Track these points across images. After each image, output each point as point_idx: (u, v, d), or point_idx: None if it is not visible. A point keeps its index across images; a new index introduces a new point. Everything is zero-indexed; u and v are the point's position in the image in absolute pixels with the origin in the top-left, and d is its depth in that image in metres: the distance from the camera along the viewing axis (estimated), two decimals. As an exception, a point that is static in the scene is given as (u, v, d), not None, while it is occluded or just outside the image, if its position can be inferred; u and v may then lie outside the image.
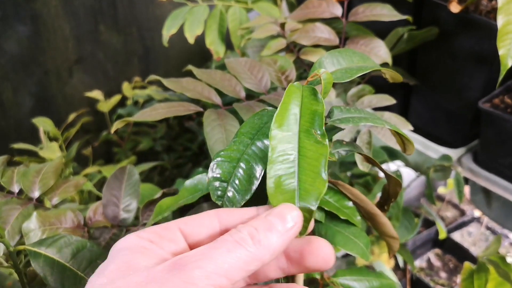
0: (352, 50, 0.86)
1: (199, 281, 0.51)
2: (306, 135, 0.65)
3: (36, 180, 1.15)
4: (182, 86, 1.13)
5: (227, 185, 0.68)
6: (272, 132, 0.65)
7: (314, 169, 0.63)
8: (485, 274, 1.63)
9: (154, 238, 0.60)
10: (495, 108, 1.38)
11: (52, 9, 2.16)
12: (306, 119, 0.67)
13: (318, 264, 0.65)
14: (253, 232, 0.57)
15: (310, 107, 0.68)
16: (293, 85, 0.71)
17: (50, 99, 2.35)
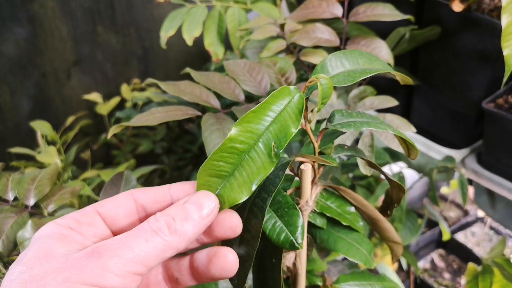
0: (359, 51, 0.83)
1: (116, 268, 0.54)
2: (265, 144, 0.66)
3: (31, 188, 1.13)
4: (180, 89, 1.12)
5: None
6: (239, 124, 0.65)
7: (250, 175, 0.66)
8: (490, 276, 1.61)
9: (73, 224, 0.62)
10: (499, 108, 1.36)
11: (49, 11, 2.14)
12: (275, 132, 0.67)
13: (226, 233, 0.68)
14: (170, 222, 0.60)
15: (285, 122, 0.67)
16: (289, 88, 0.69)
17: (48, 102, 2.34)
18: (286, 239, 0.76)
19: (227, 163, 0.65)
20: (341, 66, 0.80)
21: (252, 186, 0.65)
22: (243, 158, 0.65)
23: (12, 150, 1.92)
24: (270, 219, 0.78)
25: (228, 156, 0.65)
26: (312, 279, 1.14)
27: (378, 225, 1.01)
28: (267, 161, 0.65)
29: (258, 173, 0.65)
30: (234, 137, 0.64)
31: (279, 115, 0.67)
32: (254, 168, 0.65)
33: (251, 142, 0.65)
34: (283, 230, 0.77)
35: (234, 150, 0.65)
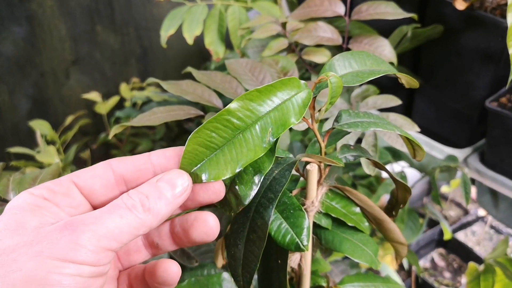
0: (366, 52, 0.83)
1: (90, 243, 0.53)
2: (262, 127, 0.65)
3: (32, 188, 1.12)
4: (181, 89, 1.11)
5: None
6: (241, 99, 0.64)
7: (239, 155, 0.64)
8: (492, 276, 1.60)
9: (48, 194, 0.60)
10: (502, 107, 1.35)
11: (47, 10, 2.14)
12: (274, 119, 0.65)
13: (210, 198, 0.68)
14: (144, 200, 0.59)
15: (287, 112, 0.66)
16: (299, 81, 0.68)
17: (47, 101, 2.34)
18: (292, 241, 0.75)
19: (219, 136, 0.64)
20: (349, 66, 0.79)
21: (237, 167, 0.64)
22: (237, 135, 0.64)
23: (11, 150, 1.91)
24: (275, 221, 0.78)
25: (222, 129, 0.63)
26: (316, 280, 1.13)
27: (383, 226, 1.00)
28: (259, 146, 0.64)
29: (247, 155, 0.64)
30: (233, 111, 0.63)
31: (283, 103, 0.65)
32: (244, 149, 0.64)
33: (249, 121, 0.64)
34: (289, 232, 0.76)
35: (229, 124, 0.63)
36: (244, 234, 0.73)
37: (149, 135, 2.45)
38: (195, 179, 0.64)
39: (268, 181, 0.72)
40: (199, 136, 0.63)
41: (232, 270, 0.74)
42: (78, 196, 0.63)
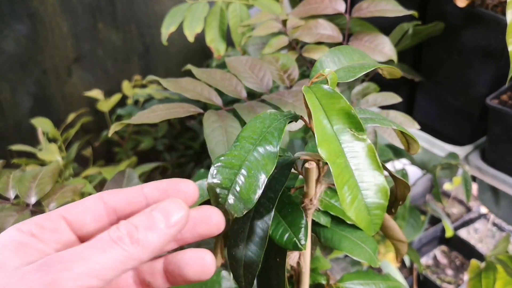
0: (351, 47, 0.83)
1: (66, 283, 0.49)
2: (344, 136, 0.62)
3: (32, 186, 1.12)
4: (181, 86, 1.11)
5: (227, 192, 0.65)
6: (319, 151, 0.61)
7: (367, 167, 0.61)
8: (493, 273, 1.60)
9: (36, 229, 0.57)
10: (503, 104, 1.35)
11: (49, 7, 2.14)
12: (336, 121, 0.64)
13: (211, 230, 0.66)
14: (132, 231, 0.55)
15: (334, 107, 0.65)
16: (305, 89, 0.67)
17: (49, 99, 2.34)
18: (290, 240, 0.75)
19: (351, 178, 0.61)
20: (339, 62, 0.79)
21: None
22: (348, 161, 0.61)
23: (13, 148, 1.92)
24: (273, 220, 0.77)
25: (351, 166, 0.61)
26: (316, 278, 1.13)
27: (383, 223, 1.00)
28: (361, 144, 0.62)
29: (370, 158, 0.62)
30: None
31: (323, 107, 0.65)
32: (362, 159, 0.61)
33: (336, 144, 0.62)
34: (287, 231, 0.76)
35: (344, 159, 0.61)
36: (244, 235, 0.73)
37: (151, 132, 2.46)
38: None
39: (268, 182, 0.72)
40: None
41: (233, 271, 0.74)
42: (67, 231, 0.60)
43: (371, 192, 0.60)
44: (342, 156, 0.60)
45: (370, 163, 0.60)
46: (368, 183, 0.60)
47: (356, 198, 0.59)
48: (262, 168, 0.65)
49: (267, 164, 0.65)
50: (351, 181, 0.60)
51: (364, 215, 0.60)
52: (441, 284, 2.44)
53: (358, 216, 0.60)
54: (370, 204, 0.60)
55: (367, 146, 0.61)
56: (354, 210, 0.60)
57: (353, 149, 0.61)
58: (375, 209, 0.60)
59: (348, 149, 0.61)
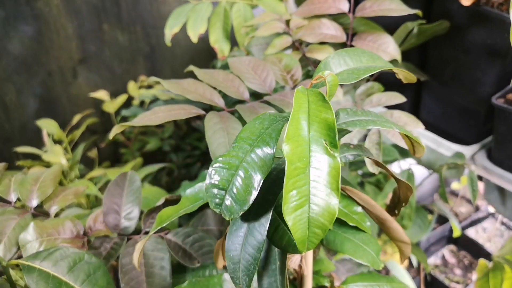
0: (361, 49, 0.83)
1: None
2: (316, 146, 0.61)
3: (34, 189, 1.12)
4: (183, 88, 1.11)
5: (225, 193, 0.65)
6: (283, 146, 0.61)
7: (326, 185, 0.60)
8: (501, 273, 1.60)
9: None
10: (509, 103, 1.35)
11: (54, 8, 2.15)
12: (316, 129, 0.63)
13: None
14: None
15: (319, 115, 0.64)
16: (298, 90, 0.67)
17: (55, 100, 2.35)
18: (289, 243, 0.75)
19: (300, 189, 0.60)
20: (344, 64, 0.79)
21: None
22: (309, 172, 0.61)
23: (18, 150, 1.92)
24: (273, 223, 0.77)
25: (299, 183, 0.60)
26: (319, 280, 1.13)
27: (386, 225, 1.00)
28: (329, 159, 0.62)
29: (331, 176, 0.61)
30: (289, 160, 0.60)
31: (309, 111, 0.65)
32: (323, 174, 0.61)
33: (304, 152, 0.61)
34: (286, 234, 0.76)
35: (298, 170, 0.60)
36: (242, 237, 0.73)
37: (158, 133, 2.46)
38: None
39: (267, 183, 0.72)
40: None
41: (231, 273, 0.74)
42: None
43: (319, 209, 0.59)
44: (305, 162, 0.60)
45: (329, 182, 0.60)
46: (320, 199, 0.59)
47: (302, 207, 0.59)
48: (259, 169, 0.65)
49: (263, 165, 0.65)
50: (304, 189, 0.59)
51: (303, 228, 0.60)
52: (450, 284, 2.43)
53: (295, 225, 0.59)
54: (314, 220, 0.60)
55: (335, 164, 0.60)
56: (294, 218, 0.59)
57: (320, 161, 0.60)
58: (316, 227, 0.60)
59: (314, 159, 0.60)
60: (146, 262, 1.05)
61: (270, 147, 0.65)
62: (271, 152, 0.65)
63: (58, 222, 1.06)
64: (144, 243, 0.89)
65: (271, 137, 0.66)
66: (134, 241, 1.09)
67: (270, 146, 0.66)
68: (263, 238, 0.71)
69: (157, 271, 1.05)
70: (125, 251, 1.06)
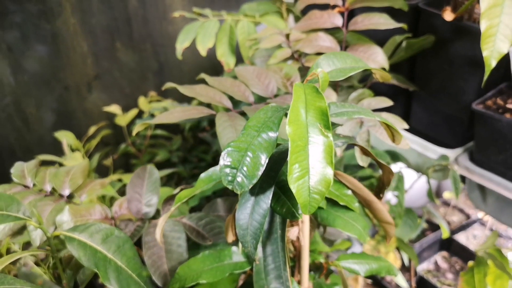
0: (346, 53, 0.97)
1: None
2: (313, 129, 0.74)
3: (66, 180, 1.26)
4: (196, 92, 1.24)
5: (236, 171, 0.76)
6: (286, 127, 0.73)
7: (322, 159, 0.72)
8: (484, 268, 1.70)
9: None
10: (488, 109, 1.47)
11: (71, 27, 2.26)
12: (312, 114, 0.75)
13: None
14: None
15: (314, 104, 0.77)
16: (297, 84, 0.81)
17: (71, 114, 2.46)
18: (288, 210, 0.89)
19: (300, 162, 0.72)
20: (333, 65, 0.94)
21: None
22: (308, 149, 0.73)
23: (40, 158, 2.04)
24: (275, 195, 0.92)
25: (300, 157, 0.72)
26: (315, 257, 1.27)
27: (372, 206, 1.13)
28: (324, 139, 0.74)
29: (326, 152, 0.73)
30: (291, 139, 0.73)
31: (306, 101, 0.78)
32: (319, 152, 0.73)
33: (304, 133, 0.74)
34: (286, 203, 0.90)
35: (299, 147, 0.73)
36: (250, 207, 0.87)
37: (166, 146, 2.57)
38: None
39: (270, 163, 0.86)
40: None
41: (241, 238, 0.88)
42: None
43: (317, 179, 0.72)
44: (304, 141, 0.72)
45: (324, 157, 0.72)
46: (318, 170, 0.72)
47: (303, 178, 0.71)
48: (264, 150, 0.77)
49: (268, 146, 0.78)
50: (305, 162, 0.71)
51: (305, 194, 0.71)
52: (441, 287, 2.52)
53: (299, 192, 0.71)
54: (313, 187, 0.71)
55: (328, 142, 0.73)
56: (297, 186, 0.71)
57: (316, 140, 0.73)
58: (315, 194, 0.72)
59: (312, 139, 0.73)
60: (165, 241, 1.19)
61: (274, 131, 0.78)
62: (274, 135, 0.78)
63: (89, 206, 1.21)
64: (165, 218, 1.02)
65: (274, 123, 0.79)
66: (154, 223, 1.23)
67: (273, 130, 0.78)
68: (267, 206, 0.85)
69: (175, 248, 1.18)
70: (147, 231, 1.20)
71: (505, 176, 1.51)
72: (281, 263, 1.00)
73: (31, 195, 1.21)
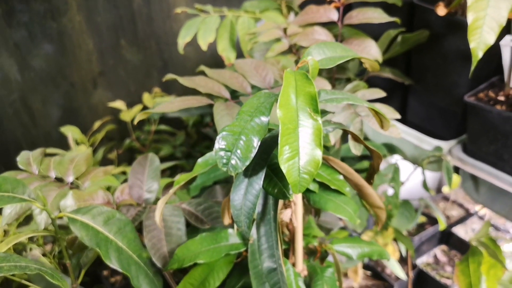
0: (337, 43, 1.02)
1: None
2: (302, 112, 0.78)
3: (70, 167, 1.31)
4: (195, 83, 1.28)
5: (231, 154, 0.81)
6: (277, 111, 0.78)
7: (311, 141, 0.77)
8: (478, 258, 1.74)
9: None
10: (479, 101, 1.51)
11: (76, 25, 2.31)
12: (302, 99, 0.80)
13: None
14: None
15: (304, 89, 0.81)
16: (287, 71, 0.85)
17: (76, 110, 2.51)
18: (280, 191, 0.94)
19: (291, 143, 0.77)
20: (323, 54, 0.98)
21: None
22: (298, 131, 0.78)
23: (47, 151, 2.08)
24: (267, 176, 0.97)
25: (291, 139, 0.77)
26: (309, 241, 1.31)
27: (363, 191, 1.18)
28: (313, 122, 0.79)
29: (315, 135, 0.78)
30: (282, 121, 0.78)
31: (296, 87, 0.83)
32: (308, 134, 0.78)
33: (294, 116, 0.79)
34: (277, 184, 0.95)
35: (289, 129, 0.77)
36: (244, 189, 0.92)
37: (170, 141, 2.60)
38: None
39: (262, 146, 0.91)
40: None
41: (235, 217, 0.93)
42: None
43: (306, 159, 0.76)
44: (294, 124, 0.77)
45: (313, 139, 0.77)
46: (307, 151, 0.76)
47: (293, 159, 0.76)
48: (257, 133, 0.82)
49: (260, 130, 0.83)
50: (295, 144, 0.76)
51: (295, 174, 0.76)
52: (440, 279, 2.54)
53: (289, 172, 0.76)
54: (303, 168, 0.76)
55: (317, 125, 0.77)
56: (287, 167, 0.76)
57: (305, 123, 0.77)
58: (305, 174, 0.76)
59: (302, 122, 0.77)
60: (165, 225, 1.24)
61: (265, 115, 0.83)
62: (266, 120, 0.83)
63: (92, 191, 1.26)
64: (164, 200, 1.06)
65: (266, 108, 0.84)
66: (154, 208, 1.27)
67: (265, 115, 0.83)
68: (260, 187, 0.90)
69: (174, 232, 1.23)
70: (148, 215, 1.25)
71: (496, 166, 1.55)
72: (273, 242, 1.04)
73: (36, 181, 1.26)
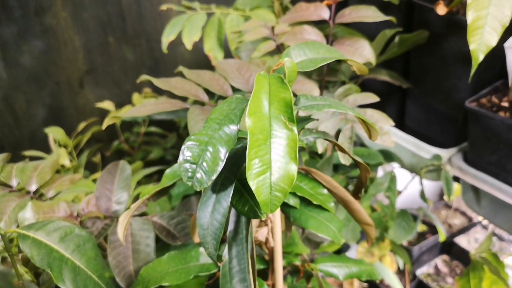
0: (320, 43, 0.92)
1: None
2: (276, 121, 0.69)
3: (33, 175, 1.22)
4: (170, 85, 1.20)
5: (196, 167, 0.72)
6: (246, 119, 0.69)
7: (285, 154, 0.68)
8: (479, 273, 1.66)
9: None
10: (481, 107, 1.42)
11: (62, 21, 2.22)
12: (276, 106, 0.71)
13: None
14: None
15: (278, 95, 0.72)
16: (260, 74, 0.76)
17: (62, 110, 2.42)
18: (250, 209, 0.84)
19: (261, 158, 0.68)
20: (304, 55, 0.88)
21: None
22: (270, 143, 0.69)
23: (26, 153, 2.01)
24: (238, 192, 0.87)
25: (260, 153, 0.68)
26: (291, 259, 1.21)
27: (350, 207, 1.08)
28: (288, 133, 0.70)
29: (290, 146, 0.70)
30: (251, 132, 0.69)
31: (270, 92, 0.74)
32: (282, 146, 0.69)
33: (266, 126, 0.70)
34: (248, 201, 0.85)
35: (260, 141, 0.68)
36: (211, 206, 0.82)
37: (161, 143, 2.53)
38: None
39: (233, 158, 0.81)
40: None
41: (201, 238, 0.83)
42: None
43: (279, 175, 0.67)
44: (266, 134, 0.68)
45: (288, 151, 0.68)
46: (280, 166, 0.67)
47: (264, 174, 0.67)
48: (225, 144, 0.73)
49: (229, 140, 0.73)
50: (266, 157, 0.67)
51: (266, 192, 0.67)
52: (441, 291, 2.49)
53: (259, 190, 0.67)
54: (275, 184, 0.67)
55: (292, 136, 0.68)
56: (257, 183, 0.67)
57: (279, 134, 0.68)
58: (277, 191, 0.67)
59: (274, 132, 0.68)
60: (133, 240, 1.14)
61: (235, 124, 0.74)
62: (235, 128, 0.73)
63: (53, 203, 1.16)
64: (127, 216, 0.98)
65: (236, 116, 0.75)
66: (123, 222, 1.18)
67: (235, 123, 0.74)
68: (228, 204, 0.80)
69: (143, 248, 1.14)
70: (114, 229, 1.16)
71: (498, 177, 1.46)
72: (245, 265, 0.94)
73: (-5, 190, 1.18)
